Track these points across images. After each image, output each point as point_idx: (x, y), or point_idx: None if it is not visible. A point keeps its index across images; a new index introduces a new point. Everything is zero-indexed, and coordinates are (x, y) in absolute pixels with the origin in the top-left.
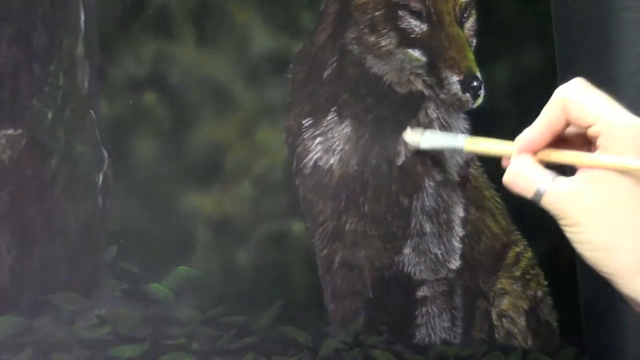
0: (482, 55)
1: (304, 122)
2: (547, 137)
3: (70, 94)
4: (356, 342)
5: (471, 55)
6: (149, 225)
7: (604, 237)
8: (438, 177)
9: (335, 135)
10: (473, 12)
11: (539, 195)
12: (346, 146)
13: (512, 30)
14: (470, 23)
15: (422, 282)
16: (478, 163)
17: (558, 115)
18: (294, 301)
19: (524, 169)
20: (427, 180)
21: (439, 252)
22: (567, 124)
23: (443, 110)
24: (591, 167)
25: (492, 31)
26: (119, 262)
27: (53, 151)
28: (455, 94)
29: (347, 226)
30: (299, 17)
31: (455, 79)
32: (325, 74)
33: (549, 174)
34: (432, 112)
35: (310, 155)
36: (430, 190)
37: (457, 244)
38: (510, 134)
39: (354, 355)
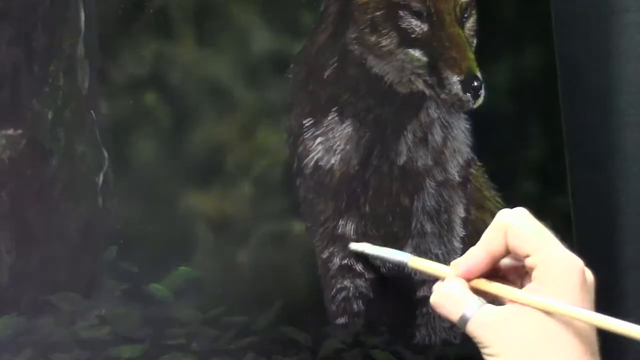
0: (483, 56)
1: (304, 122)
2: (485, 263)
3: (70, 94)
4: (356, 342)
5: (472, 56)
6: (149, 225)
7: None
8: (439, 178)
9: (336, 135)
10: (474, 12)
11: (464, 320)
12: (347, 146)
13: (512, 30)
14: (470, 23)
15: (423, 282)
16: (479, 163)
17: (498, 240)
18: (294, 301)
19: (453, 292)
20: (428, 180)
21: (439, 253)
22: (506, 252)
23: (444, 110)
24: (518, 303)
25: (493, 31)
26: (119, 262)
27: (53, 151)
28: (456, 94)
29: (348, 226)
30: (299, 17)
31: (456, 79)
32: (326, 74)
33: (477, 300)
34: (433, 112)
35: (311, 156)
36: (431, 191)
37: (457, 245)
38: (510, 134)
39: (354, 355)
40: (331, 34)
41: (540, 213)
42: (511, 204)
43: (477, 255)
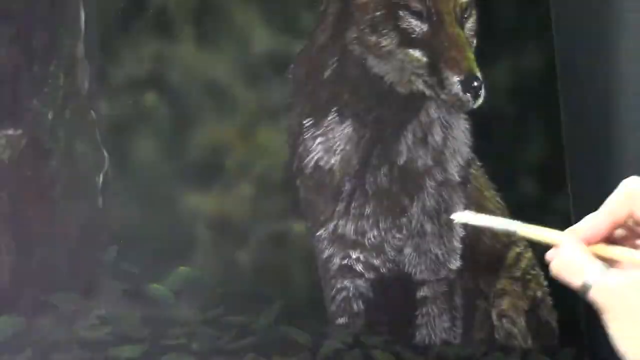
0: (483, 56)
1: (304, 122)
2: (607, 228)
3: (70, 94)
4: (356, 342)
5: (471, 56)
6: (149, 226)
7: None
8: (439, 178)
9: (336, 136)
10: (473, 12)
11: (586, 287)
12: (347, 146)
13: (512, 31)
14: (470, 23)
15: (423, 283)
16: (479, 163)
17: (622, 207)
18: (294, 301)
19: (573, 257)
20: (428, 180)
21: (439, 252)
22: (628, 217)
23: (444, 110)
24: None
25: (493, 31)
26: (119, 262)
27: (53, 151)
28: (455, 94)
29: (348, 226)
30: (299, 17)
31: (455, 79)
32: (326, 74)
33: (599, 265)
34: (433, 112)
35: (311, 156)
36: (431, 191)
37: (457, 244)
38: (510, 134)
39: (354, 355)
40: (331, 34)
41: (540, 213)
42: (511, 204)
43: (600, 220)
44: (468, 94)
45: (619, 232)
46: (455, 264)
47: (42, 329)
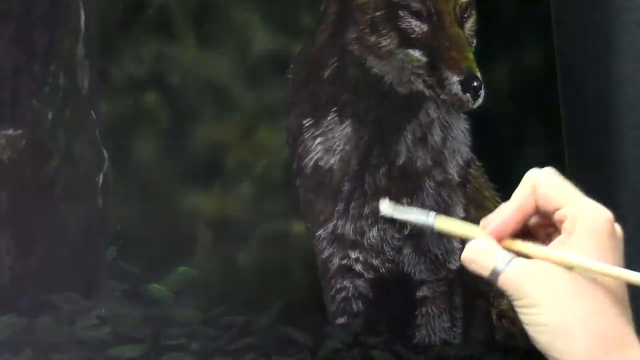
0: (482, 56)
1: (304, 122)
2: (516, 221)
3: (70, 94)
4: (356, 342)
5: (471, 56)
6: (149, 226)
7: (560, 320)
8: (438, 178)
9: (336, 136)
10: (473, 12)
11: (495, 274)
12: (347, 146)
13: (512, 30)
14: (470, 23)
15: (422, 283)
16: (478, 163)
17: (527, 196)
18: (294, 301)
19: (483, 246)
20: (427, 180)
21: (439, 253)
22: (535, 210)
23: (443, 110)
24: (546, 260)
25: (493, 31)
26: (119, 262)
27: (53, 151)
28: (455, 94)
29: (348, 226)
30: (299, 17)
31: (455, 79)
32: (326, 74)
33: (507, 254)
34: (433, 112)
35: (310, 156)
36: (431, 191)
37: (457, 244)
38: (510, 134)
39: (354, 355)
40: (331, 34)
41: None
42: None
43: (508, 213)
44: (468, 94)
45: (535, 220)
46: (455, 264)
47: (42, 329)
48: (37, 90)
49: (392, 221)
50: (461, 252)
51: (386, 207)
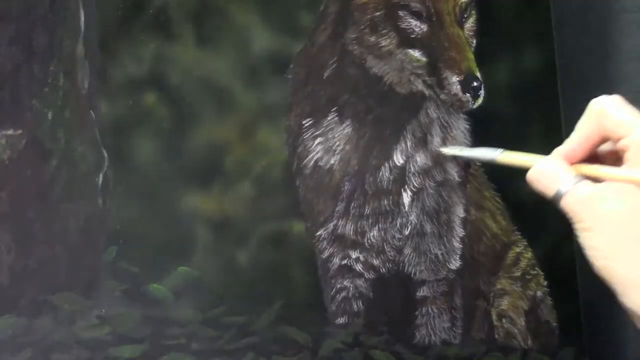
0: (482, 56)
1: (304, 122)
2: (584, 149)
3: (70, 94)
4: (356, 342)
5: (471, 56)
6: (149, 225)
7: (613, 245)
8: (438, 178)
9: (336, 136)
10: (473, 12)
11: (559, 195)
12: (347, 146)
13: (512, 30)
14: (470, 23)
15: (422, 283)
16: (478, 163)
17: (593, 126)
18: (294, 301)
19: (549, 167)
20: (427, 180)
21: (439, 253)
22: (603, 138)
23: (443, 110)
24: (615, 180)
25: (492, 31)
26: (119, 262)
27: (53, 151)
28: (455, 94)
29: (348, 226)
30: (299, 17)
31: (455, 79)
32: (326, 74)
33: (573, 176)
34: (433, 112)
35: (310, 156)
36: (431, 191)
37: (457, 244)
38: (510, 134)
39: (354, 355)
40: (331, 34)
41: (540, 213)
42: (511, 204)
43: (574, 140)
44: (468, 94)
45: (604, 148)
46: (455, 264)
47: (42, 329)
48: (37, 90)
49: (392, 221)
50: (461, 252)
51: (449, 149)
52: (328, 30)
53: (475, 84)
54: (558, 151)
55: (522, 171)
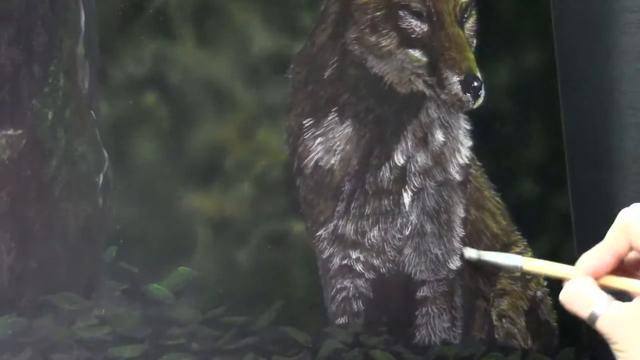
0: (482, 56)
1: (304, 122)
2: (611, 262)
3: (70, 94)
4: (356, 342)
5: (471, 56)
6: (149, 226)
7: None
8: (439, 178)
9: (336, 136)
10: (473, 12)
11: (594, 317)
12: (347, 146)
13: (512, 30)
14: (470, 23)
15: (423, 283)
16: (478, 163)
17: (621, 239)
18: (294, 301)
19: (581, 289)
20: (427, 180)
21: (439, 253)
22: (629, 249)
23: (444, 110)
24: None
25: (492, 31)
26: (119, 262)
27: (53, 151)
28: (455, 94)
29: (348, 226)
30: (299, 17)
31: (455, 79)
32: (326, 74)
33: (605, 297)
34: (433, 112)
35: (311, 156)
36: (431, 191)
37: (457, 244)
38: (510, 134)
39: (354, 355)
40: (331, 34)
41: (540, 213)
42: (511, 204)
43: (603, 255)
44: (468, 94)
45: (631, 257)
46: (455, 264)
47: (42, 329)
48: (37, 90)
49: (392, 221)
50: (461, 252)
51: (471, 253)
52: (328, 30)
53: (475, 83)
54: (586, 264)
55: (522, 171)
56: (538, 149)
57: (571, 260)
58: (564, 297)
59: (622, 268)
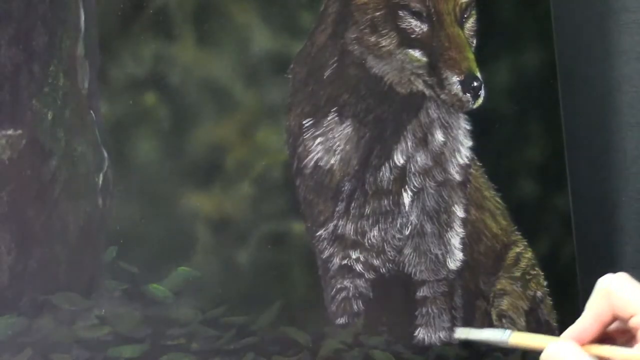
0: (482, 56)
1: (304, 122)
2: (595, 329)
3: (70, 94)
4: (356, 342)
5: (471, 56)
6: (149, 226)
7: None
8: (439, 178)
9: (336, 136)
10: (473, 12)
11: None
12: (347, 146)
13: (512, 30)
14: (470, 23)
15: (422, 283)
16: (479, 163)
17: (603, 305)
18: (294, 301)
19: (562, 352)
20: (427, 180)
21: (439, 253)
22: (613, 317)
23: (444, 110)
24: None
25: (492, 31)
26: (118, 262)
27: (53, 151)
28: (455, 94)
29: (348, 227)
30: (299, 17)
31: (455, 79)
32: (326, 74)
33: (591, 358)
34: (433, 112)
35: (310, 156)
36: (431, 191)
37: (457, 245)
38: (510, 134)
39: (354, 355)
40: (331, 34)
41: (540, 213)
42: (511, 204)
43: (585, 322)
44: (468, 94)
45: (614, 326)
46: (455, 264)
47: (42, 329)
48: (37, 90)
49: (392, 221)
50: (462, 252)
51: (461, 332)
52: (328, 30)
53: (475, 84)
54: (569, 332)
55: (522, 171)
56: (538, 149)
57: (571, 261)
58: (547, 356)
59: (608, 340)
